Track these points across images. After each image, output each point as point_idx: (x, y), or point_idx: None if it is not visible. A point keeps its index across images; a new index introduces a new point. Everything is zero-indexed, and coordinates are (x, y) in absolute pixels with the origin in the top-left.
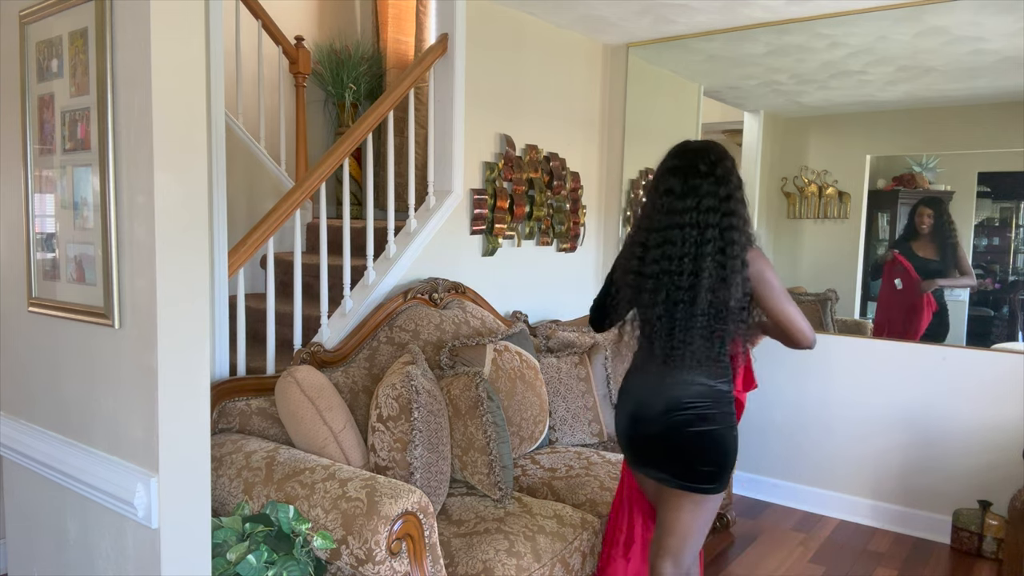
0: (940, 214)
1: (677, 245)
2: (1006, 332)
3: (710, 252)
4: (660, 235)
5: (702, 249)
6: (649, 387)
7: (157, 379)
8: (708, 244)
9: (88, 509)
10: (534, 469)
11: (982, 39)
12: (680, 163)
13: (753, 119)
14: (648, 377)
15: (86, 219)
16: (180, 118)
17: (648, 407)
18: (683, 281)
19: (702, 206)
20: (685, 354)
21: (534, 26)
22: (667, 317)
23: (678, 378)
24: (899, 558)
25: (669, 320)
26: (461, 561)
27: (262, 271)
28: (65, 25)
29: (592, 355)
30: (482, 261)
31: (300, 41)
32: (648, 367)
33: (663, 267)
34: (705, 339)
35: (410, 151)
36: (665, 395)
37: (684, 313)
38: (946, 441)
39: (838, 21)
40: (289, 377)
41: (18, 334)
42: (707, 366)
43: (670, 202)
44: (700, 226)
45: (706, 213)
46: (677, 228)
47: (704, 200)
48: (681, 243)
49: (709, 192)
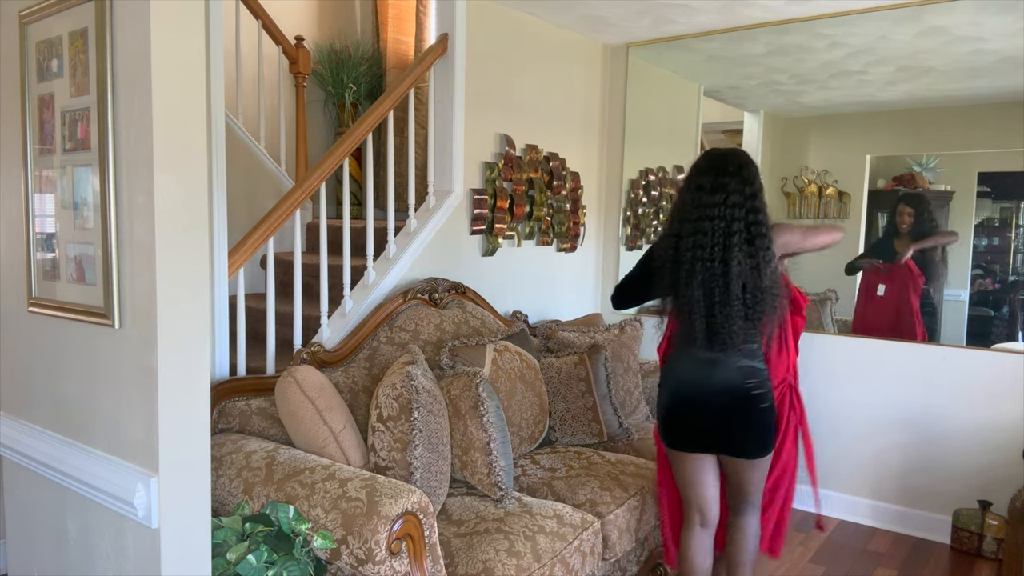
0: (921, 212)
1: (708, 235)
2: (1006, 332)
3: (737, 243)
4: (692, 226)
5: (730, 240)
6: (703, 372)
7: (157, 379)
8: (735, 236)
9: (88, 509)
10: (534, 469)
11: (982, 39)
12: (710, 163)
13: (753, 119)
14: (698, 363)
15: (86, 219)
16: (180, 118)
17: (708, 391)
18: (716, 268)
19: (729, 201)
20: (726, 335)
21: (534, 26)
22: (705, 301)
23: (729, 362)
24: (899, 558)
25: (708, 304)
26: (461, 561)
27: (262, 271)
28: (65, 25)
29: (592, 355)
30: (482, 261)
31: (300, 41)
32: (694, 352)
33: (696, 255)
34: (743, 319)
35: (410, 151)
36: (723, 379)
37: (721, 297)
38: (946, 441)
39: (838, 21)
40: (289, 377)
41: (18, 334)
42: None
43: (700, 197)
44: (727, 219)
45: (733, 208)
46: (708, 220)
47: (731, 196)
48: (712, 233)
49: (736, 190)
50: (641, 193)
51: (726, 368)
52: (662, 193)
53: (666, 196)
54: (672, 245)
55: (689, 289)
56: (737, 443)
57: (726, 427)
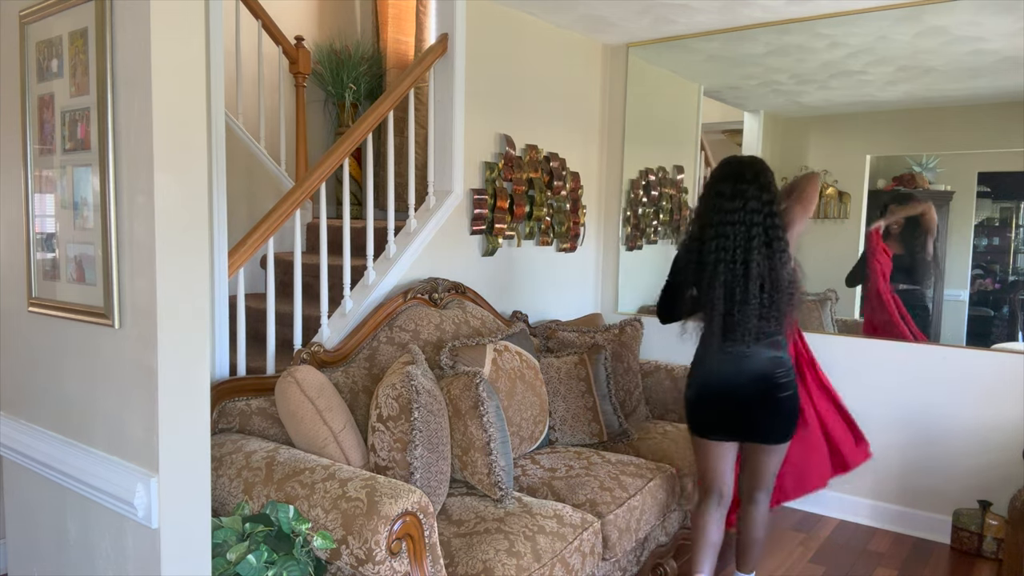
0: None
1: (730, 239)
2: (1006, 332)
3: (756, 245)
4: (714, 230)
5: (750, 243)
6: (733, 364)
7: (157, 379)
8: (754, 239)
9: (88, 509)
10: (534, 469)
11: (982, 39)
12: (729, 172)
13: (753, 119)
14: (724, 355)
15: (86, 219)
16: (180, 118)
17: (732, 379)
18: (738, 269)
19: (748, 207)
20: (742, 331)
21: (534, 26)
22: (726, 300)
23: (758, 354)
24: (899, 558)
25: (727, 302)
26: (461, 561)
27: (262, 271)
28: (65, 25)
29: (592, 355)
30: (482, 261)
31: (300, 41)
32: (719, 346)
33: (719, 257)
34: (760, 318)
35: (410, 151)
36: (752, 369)
37: (741, 296)
38: (946, 441)
39: (838, 21)
40: (289, 377)
41: (18, 334)
42: (767, 340)
43: (721, 203)
44: (747, 224)
45: (751, 213)
46: (729, 225)
47: (750, 203)
48: (733, 237)
49: (754, 196)
50: (641, 193)
51: (755, 359)
52: (662, 193)
53: (666, 196)
54: (696, 248)
55: (712, 289)
56: (761, 430)
57: (751, 415)
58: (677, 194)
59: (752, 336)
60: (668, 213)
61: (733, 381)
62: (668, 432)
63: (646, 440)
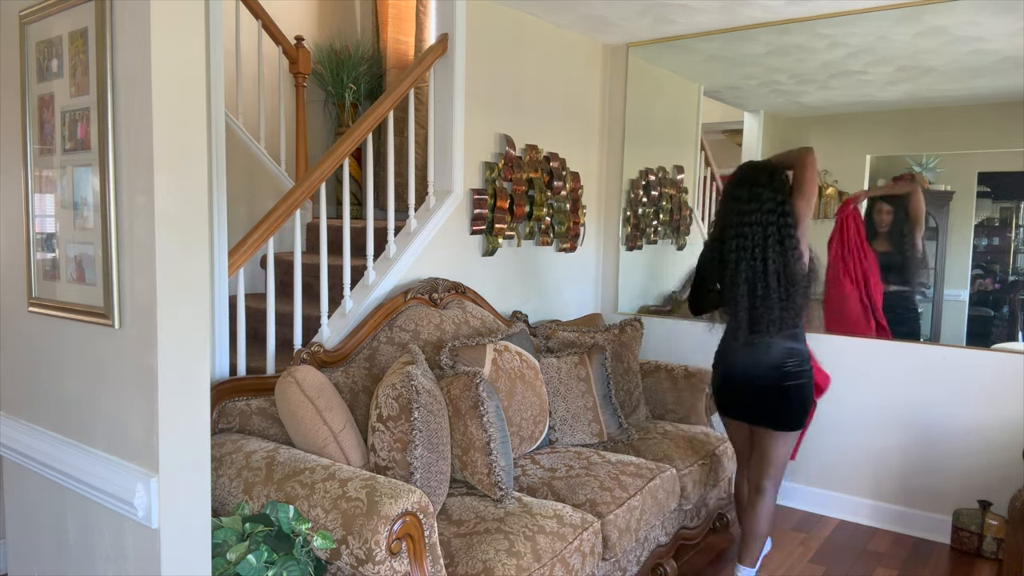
0: (900, 210)
1: (748, 239)
2: (1006, 332)
3: (771, 244)
4: (733, 230)
5: (766, 241)
6: (747, 353)
7: (157, 379)
8: (770, 238)
9: (88, 509)
10: (534, 469)
11: (982, 39)
12: (745, 176)
13: (753, 119)
14: (743, 346)
15: (86, 219)
16: (180, 118)
17: (751, 369)
18: (757, 266)
19: (763, 208)
20: (767, 323)
21: (534, 26)
22: (749, 295)
23: (770, 344)
24: (899, 558)
25: (751, 297)
26: (461, 561)
27: (262, 271)
28: (65, 25)
29: (592, 355)
30: (482, 261)
31: (300, 41)
32: (740, 336)
33: (740, 255)
34: (782, 310)
35: (410, 151)
36: (764, 359)
37: (762, 291)
38: (946, 441)
39: (838, 21)
40: (289, 377)
41: (18, 334)
42: (787, 331)
43: (738, 206)
44: (763, 224)
45: (766, 214)
46: (747, 226)
47: (764, 204)
48: (751, 237)
49: (768, 198)
50: (641, 193)
51: (774, 349)
52: (662, 193)
53: (666, 196)
54: (717, 248)
55: (736, 285)
56: (770, 415)
57: (763, 401)
58: (677, 194)
59: (776, 327)
60: (668, 213)
61: (752, 371)
62: (668, 432)
63: (646, 440)
